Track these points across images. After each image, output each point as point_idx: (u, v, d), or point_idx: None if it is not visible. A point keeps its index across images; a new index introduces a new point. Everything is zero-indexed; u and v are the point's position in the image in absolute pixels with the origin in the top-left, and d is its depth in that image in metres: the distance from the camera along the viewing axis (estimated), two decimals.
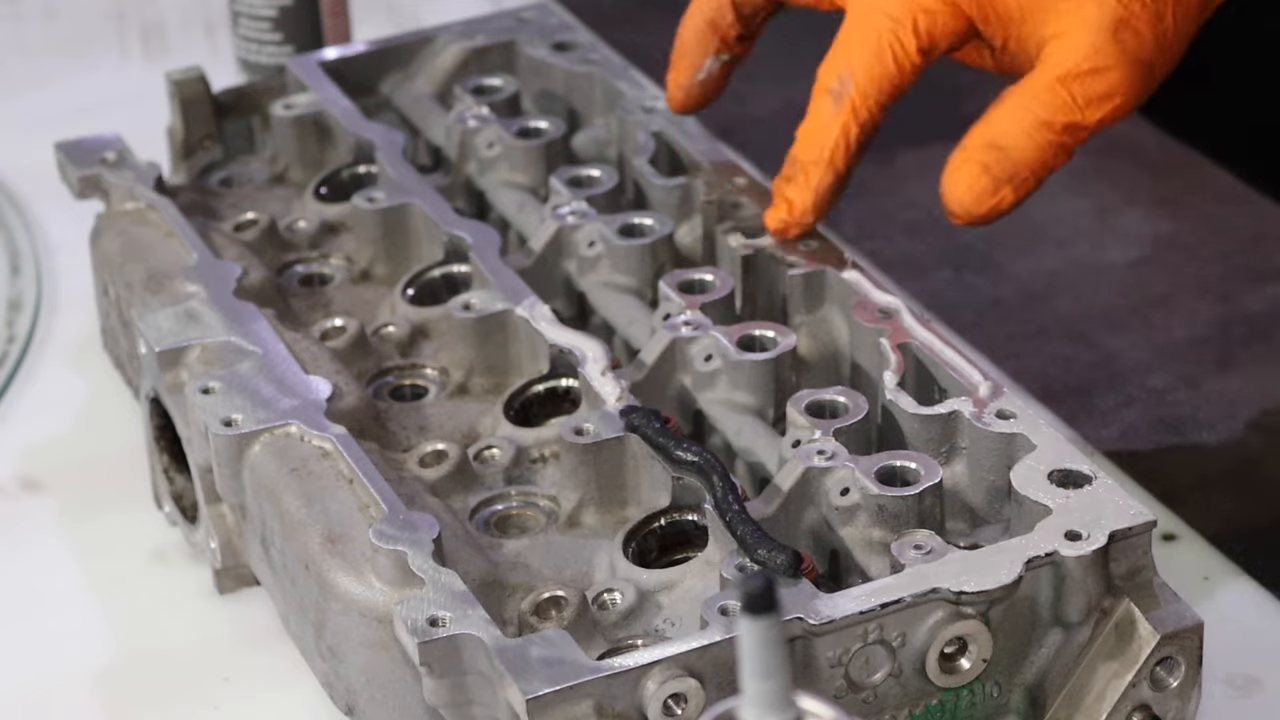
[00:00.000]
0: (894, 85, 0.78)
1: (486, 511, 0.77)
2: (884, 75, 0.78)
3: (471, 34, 0.95)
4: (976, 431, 0.74)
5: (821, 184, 0.79)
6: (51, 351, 0.93)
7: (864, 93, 0.78)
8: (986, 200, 0.77)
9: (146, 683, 0.78)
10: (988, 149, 0.76)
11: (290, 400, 0.77)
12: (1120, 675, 0.69)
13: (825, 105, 0.79)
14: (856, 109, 0.78)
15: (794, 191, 0.80)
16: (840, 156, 0.79)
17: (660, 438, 0.74)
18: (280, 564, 0.75)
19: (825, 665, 0.68)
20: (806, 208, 0.80)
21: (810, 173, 0.79)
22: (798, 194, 0.80)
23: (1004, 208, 0.77)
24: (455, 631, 0.68)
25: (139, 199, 0.88)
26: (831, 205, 0.80)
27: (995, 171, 0.76)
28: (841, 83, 0.78)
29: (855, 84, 0.78)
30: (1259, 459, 0.85)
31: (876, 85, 0.78)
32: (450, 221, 0.86)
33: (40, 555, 0.84)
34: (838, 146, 0.79)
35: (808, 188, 0.80)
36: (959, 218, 0.78)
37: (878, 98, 0.78)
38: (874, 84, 0.78)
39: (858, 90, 0.78)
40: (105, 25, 1.15)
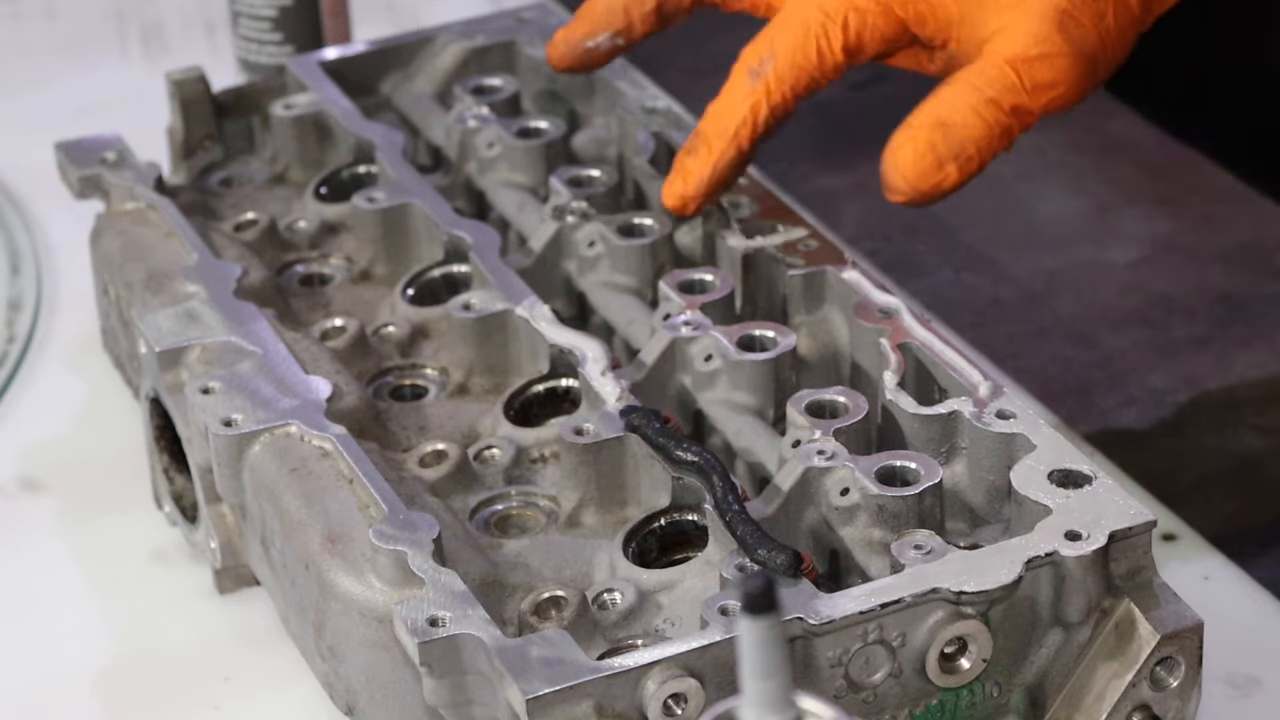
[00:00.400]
0: (812, 77, 0.79)
1: (486, 511, 0.77)
2: (805, 64, 0.79)
3: (471, 34, 0.95)
4: (976, 431, 0.74)
5: (722, 158, 0.80)
6: (51, 351, 0.93)
7: (780, 77, 0.79)
8: (930, 176, 0.77)
9: (146, 683, 0.78)
10: (934, 126, 0.77)
11: (290, 400, 0.77)
12: (1120, 675, 0.69)
13: (741, 83, 0.80)
14: (770, 91, 0.79)
15: (694, 163, 0.81)
16: (745, 133, 0.80)
17: (660, 438, 0.74)
18: (280, 564, 0.75)
19: (825, 665, 0.68)
20: (703, 179, 0.81)
21: (713, 146, 0.80)
22: (697, 166, 0.81)
23: (947, 186, 0.77)
24: (455, 631, 0.68)
25: (139, 199, 0.88)
26: (728, 182, 0.81)
27: (940, 149, 0.77)
28: (761, 63, 0.79)
29: (774, 67, 0.79)
30: (1259, 459, 0.85)
31: (795, 72, 0.79)
32: (450, 221, 0.86)
33: (40, 555, 0.84)
34: (744, 123, 0.79)
35: (708, 160, 0.80)
36: (900, 193, 0.78)
37: (793, 84, 0.79)
38: (793, 70, 0.79)
39: (775, 73, 0.79)
40: (105, 25, 1.15)
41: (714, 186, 0.81)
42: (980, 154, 0.77)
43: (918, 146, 0.76)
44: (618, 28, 0.84)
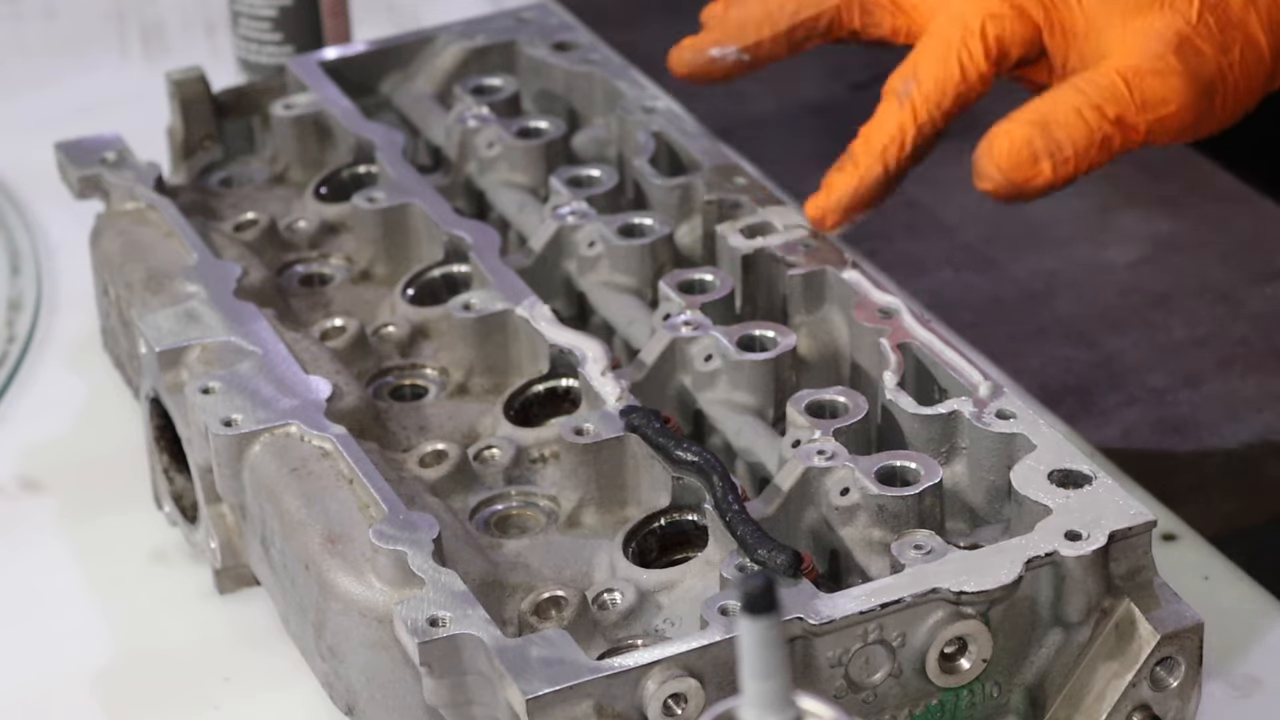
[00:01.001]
0: (958, 91, 0.79)
1: (486, 511, 0.77)
2: (948, 79, 0.79)
3: (471, 34, 0.95)
4: (976, 431, 0.74)
5: (868, 175, 0.80)
6: (51, 351, 0.93)
7: (926, 95, 0.79)
8: (1024, 169, 0.77)
9: (146, 683, 0.78)
10: (1035, 123, 0.77)
11: (290, 400, 0.77)
12: (1120, 675, 0.69)
13: (889, 106, 0.80)
14: (916, 109, 0.79)
15: (840, 179, 0.80)
16: (893, 152, 0.79)
17: (660, 438, 0.74)
18: (280, 564, 0.75)
19: (825, 665, 0.68)
20: (845, 194, 0.80)
21: (860, 162, 0.80)
22: (842, 181, 0.80)
23: (1039, 183, 0.77)
24: (455, 631, 0.68)
25: (139, 199, 0.88)
26: (872, 202, 0.80)
27: (1038, 144, 0.77)
28: (905, 85, 0.79)
29: (919, 86, 0.79)
30: (1259, 459, 0.85)
31: (939, 88, 0.79)
32: (450, 221, 0.86)
33: (40, 555, 0.84)
34: (892, 141, 0.79)
35: (854, 175, 0.80)
36: (991, 181, 0.77)
37: (939, 100, 0.79)
38: (937, 87, 0.79)
39: (920, 91, 0.79)
40: (105, 25, 1.15)
41: (856, 203, 0.80)
42: (1077, 158, 0.76)
43: (1015, 139, 0.76)
44: (746, 44, 0.83)
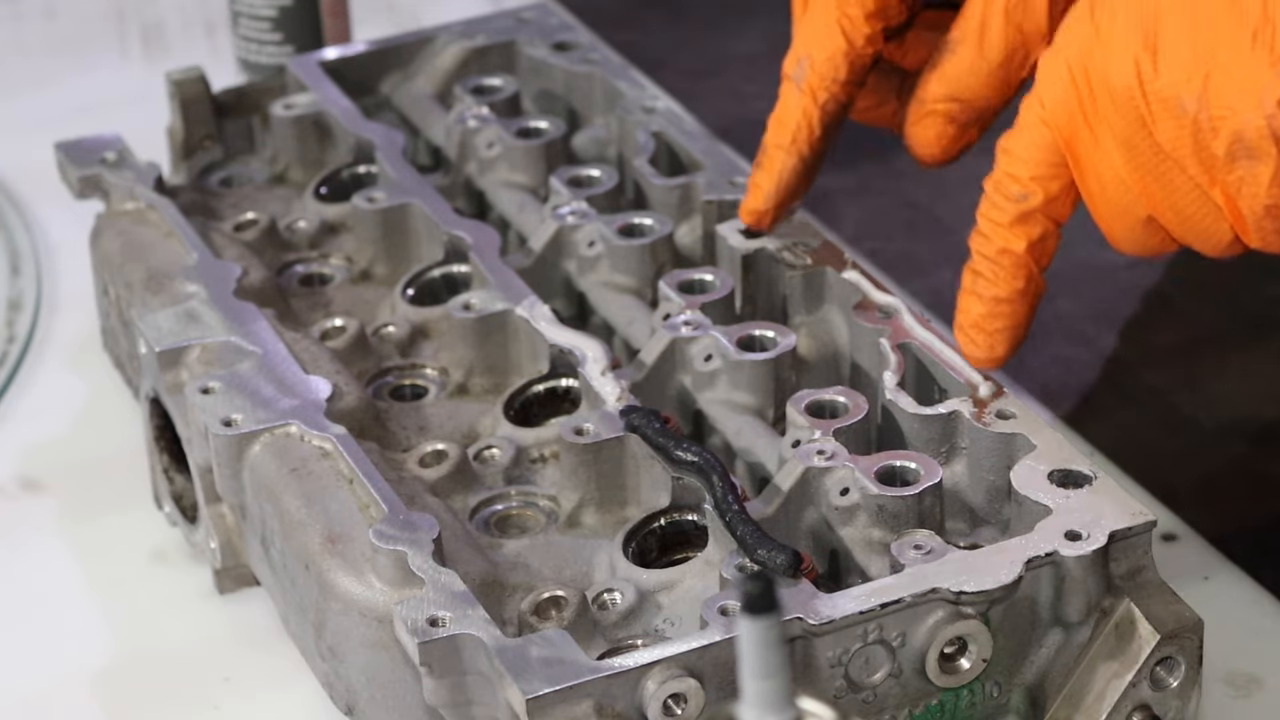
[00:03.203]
0: (849, 60, 0.78)
1: (486, 511, 0.77)
2: (836, 51, 0.78)
3: (471, 34, 0.95)
4: (976, 431, 0.73)
5: (784, 167, 0.79)
6: (51, 351, 0.93)
7: (820, 73, 0.78)
8: (955, 145, 0.77)
9: (146, 683, 0.78)
10: (949, 99, 0.76)
11: (290, 400, 0.77)
12: (1120, 675, 0.69)
13: (788, 92, 0.79)
14: (815, 91, 0.78)
15: (760, 177, 0.80)
16: (803, 138, 0.79)
17: (660, 438, 0.74)
18: (280, 564, 0.75)
19: (825, 665, 0.68)
20: (769, 191, 0.80)
21: (774, 157, 0.80)
22: (762, 179, 0.80)
23: (971, 145, 0.78)
24: (455, 631, 0.68)
25: (139, 199, 0.88)
26: (798, 191, 0.80)
27: (960, 118, 0.77)
28: (799, 66, 0.79)
29: (811, 65, 0.78)
30: (1259, 459, 0.85)
31: (831, 63, 0.78)
32: (450, 221, 0.86)
33: (40, 555, 0.84)
34: (799, 129, 0.79)
35: (772, 172, 0.80)
36: (929, 163, 0.78)
37: (834, 75, 0.78)
38: (828, 62, 0.78)
39: (814, 71, 0.78)
40: (105, 25, 1.15)
41: (783, 197, 0.80)
42: (995, 113, 0.76)
43: (937, 122, 0.77)
44: None
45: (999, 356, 0.74)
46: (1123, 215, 0.71)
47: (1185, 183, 0.69)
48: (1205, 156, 0.68)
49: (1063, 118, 0.71)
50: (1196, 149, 0.68)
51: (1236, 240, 0.70)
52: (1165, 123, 0.68)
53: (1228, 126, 0.67)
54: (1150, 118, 0.69)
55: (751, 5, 1.11)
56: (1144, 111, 0.69)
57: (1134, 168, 0.70)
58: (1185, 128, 0.68)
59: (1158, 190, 0.70)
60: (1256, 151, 0.67)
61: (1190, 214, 0.70)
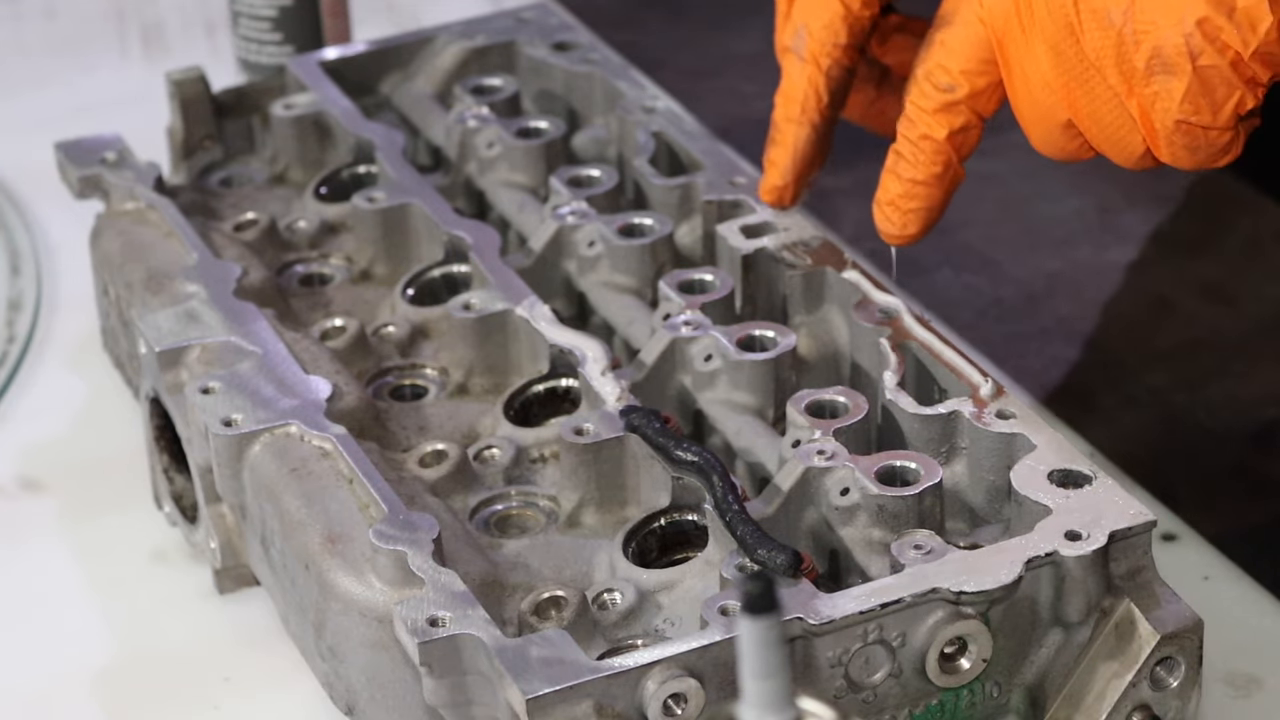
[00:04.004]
0: (848, 24, 0.79)
1: (486, 511, 0.77)
2: (834, 16, 0.79)
3: (471, 34, 0.95)
4: (976, 431, 0.73)
5: (798, 140, 0.80)
6: (51, 351, 0.93)
7: (819, 40, 0.79)
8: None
9: (146, 683, 0.78)
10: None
11: (290, 400, 0.77)
12: (1120, 675, 0.69)
13: (789, 64, 0.80)
14: (817, 57, 0.79)
15: (775, 153, 0.81)
16: (812, 108, 0.80)
17: (660, 438, 0.74)
18: (280, 564, 0.75)
19: (825, 665, 0.68)
20: (787, 165, 0.80)
21: (786, 131, 0.80)
22: (778, 155, 0.81)
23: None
24: (455, 631, 0.68)
25: (139, 199, 0.88)
26: (815, 162, 0.81)
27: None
28: (797, 37, 0.79)
29: (810, 33, 0.79)
30: (1259, 459, 0.85)
31: (829, 29, 0.79)
32: (450, 221, 0.86)
33: (40, 555, 0.84)
34: (806, 99, 0.79)
35: (786, 145, 0.80)
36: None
37: (834, 40, 0.79)
38: (826, 29, 0.79)
39: (813, 38, 0.79)
40: (105, 25, 1.15)
41: (800, 169, 0.81)
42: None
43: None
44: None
45: (910, 235, 0.78)
46: (1044, 117, 0.74)
47: (1105, 91, 0.72)
48: (1126, 68, 0.71)
49: (999, 18, 0.73)
50: (1118, 59, 0.71)
51: (1148, 153, 0.73)
52: (1093, 32, 0.71)
53: (1149, 40, 0.70)
54: (1079, 26, 0.71)
55: (752, 5, 1.11)
56: (1074, 19, 0.71)
57: (1059, 72, 0.72)
58: (1110, 38, 0.71)
59: (1080, 96, 0.72)
60: (1173, 67, 0.70)
61: (1107, 122, 0.73)
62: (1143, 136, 0.73)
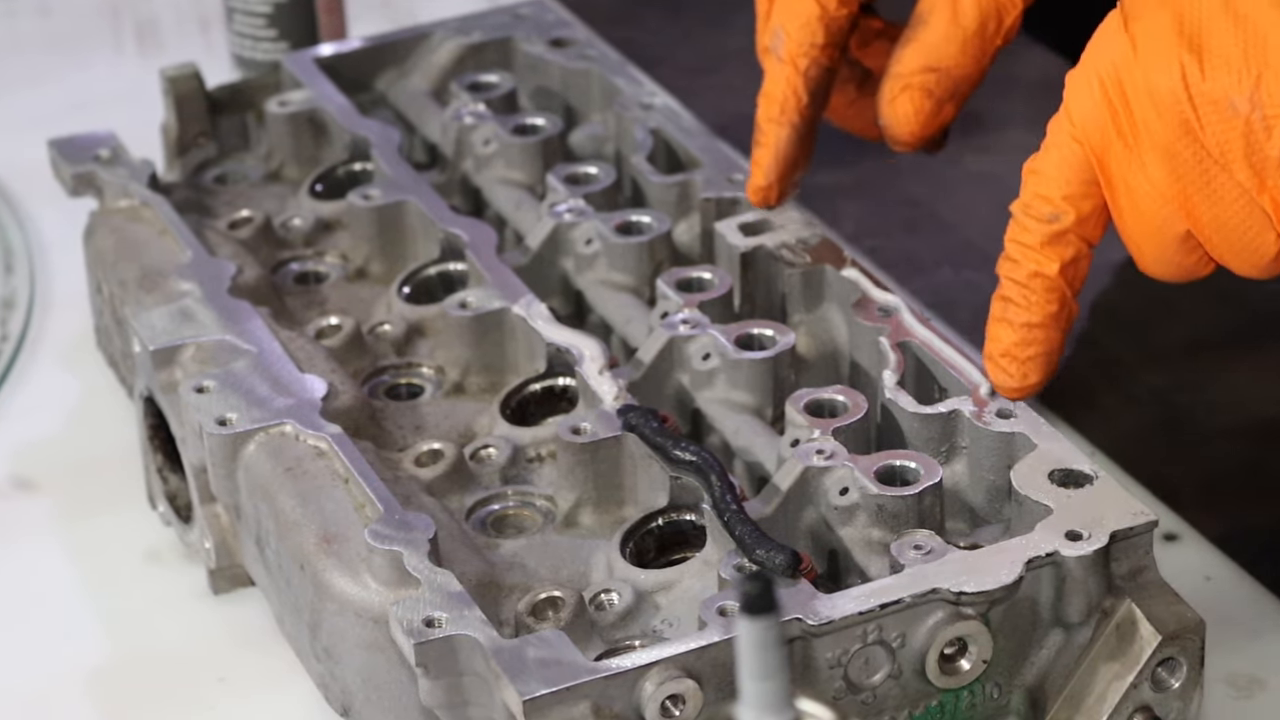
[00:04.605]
0: (824, 25, 0.78)
1: (483, 511, 0.77)
2: (810, 17, 0.78)
3: (468, 30, 0.95)
4: (977, 431, 0.73)
5: (780, 140, 0.79)
6: (44, 350, 0.93)
7: (797, 41, 0.78)
8: (933, 122, 0.77)
9: (140, 683, 0.78)
10: (925, 70, 0.76)
11: (285, 399, 0.77)
12: (1121, 676, 0.69)
13: (769, 65, 0.79)
14: (795, 59, 0.78)
15: (758, 153, 0.80)
16: (792, 108, 0.79)
17: (658, 437, 0.74)
18: (275, 564, 0.75)
19: (824, 666, 0.68)
20: (770, 165, 0.80)
21: (768, 131, 0.79)
22: (760, 155, 0.80)
23: (947, 123, 0.77)
24: (451, 632, 0.67)
25: (133, 196, 0.88)
26: (798, 162, 0.80)
27: (937, 91, 0.76)
28: (775, 39, 0.78)
29: (787, 34, 0.78)
30: (1261, 458, 0.85)
31: (806, 29, 0.78)
32: (446, 219, 0.86)
33: (34, 555, 0.83)
34: (786, 100, 0.79)
35: (769, 146, 0.80)
36: (906, 145, 0.78)
37: (812, 40, 0.78)
38: (804, 28, 0.78)
39: (790, 40, 0.78)
40: (99, 22, 1.15)
41: (783, 168, 0.80)
42: (972, 84, 0.76)
43: (914, 96, 0.76)
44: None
45: (1032, 385, 0.72)
46: (1157, 232, 0.69)
47: (1232, 189, 0.67)
48: (1257, 159, 0.66)
49: (1094, 133, 0.69)
50: (1247, 150, 0.66)
51: None
52: (1214, 125, 0.67)
53: None
54: (1197, 122, 0.67)
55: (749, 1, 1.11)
56: (1190, 116, 0.67)
57: (1174, 178, 0.68)
58: (1236, 129, 0.66)
59: (1200, 201, 0.68)
60: None
61: (1234, 225, 0.68)
62: (1277, 235, 0.67)
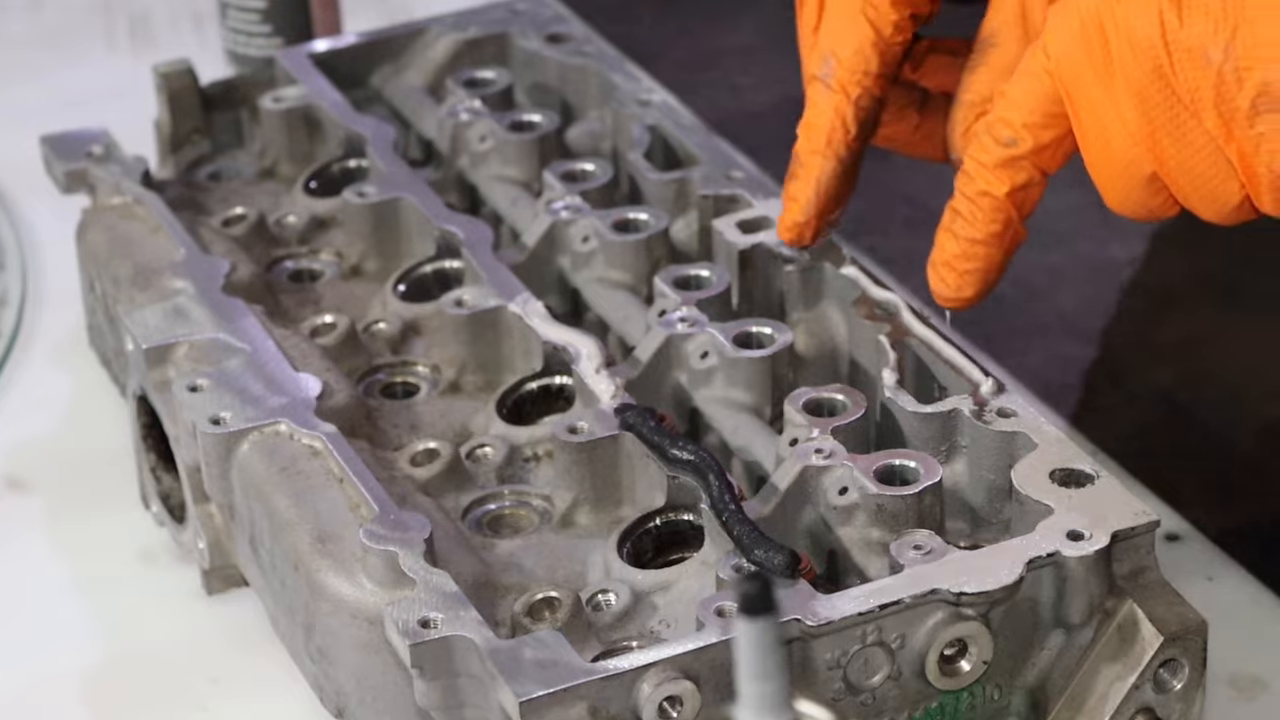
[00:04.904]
0: (879, 50, 0.76)
1: (479, 511, 0.76)
2: (864, 41, 0.76)
3: (464, 26, 0.95)
4: (977, 430, 0.73)
5: (823, 175, 0.77)
6: (37, 348, 0.93)
7: (849, 68, 0.76)
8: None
9: (133, 684, 0.78)
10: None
11: (279, 398, 0.77)
12: (1123, 677, 0.69)
13: (816, 93, 0.77)
14: (846, 87, 0.76)
15: (796, 188, 0.77)
16: (839, 140, 0.76)
17: (655, 436, 0.74)
18: (269, 564, 0.75)
19: (823, 667, 0.67)
20: (809, 201, 0.77)
21: (809, 164, 0.77)
22: (799, 189, 0.77)
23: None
24: (447, 633, 0.67)
25: (126, 193, 0.88)
26: (840, 198, 0.78)
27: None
28: (826, 64, 0.76)
29: (838, 61, 0.76)
30: (1264, 458, 0.85)
31: (860, 56, 0.76)
32: (442, 216, 0.85)
33: (26, 555, 0.83)
34: (834, 131, 0.76)
35: (809, 180, 0.77)
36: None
37: (865, 68, 0.76)
38: (857, 55, 0.76)
39: (842, 67, 0.76)
40: (92, 18, 1.15)
41: (823, 205, 0.77)
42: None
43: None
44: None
45: (966, 298, 0.74)
46: (1124, 171, 0.70)
47: (1200, 137, 0.68)
48: (1226, 109, 0.67)
49: (1068, 68, 0.70)
50: (1218, 100, 0.67)
51: (1245, 203, 0.69)
52: (1186, 72, 0.67)
53: (1255, 77, 0.66)
54: (1170, 67, 0.67)
55: None
56: (1164, 61, 0.67)
57: (1145, 120, 0.68)
58: (1208, 78, 0.67)
59: (1168, 145, 0.68)
60: None
61: (1200, 171, 0.68)
62: (1240, 185, 0.68)
